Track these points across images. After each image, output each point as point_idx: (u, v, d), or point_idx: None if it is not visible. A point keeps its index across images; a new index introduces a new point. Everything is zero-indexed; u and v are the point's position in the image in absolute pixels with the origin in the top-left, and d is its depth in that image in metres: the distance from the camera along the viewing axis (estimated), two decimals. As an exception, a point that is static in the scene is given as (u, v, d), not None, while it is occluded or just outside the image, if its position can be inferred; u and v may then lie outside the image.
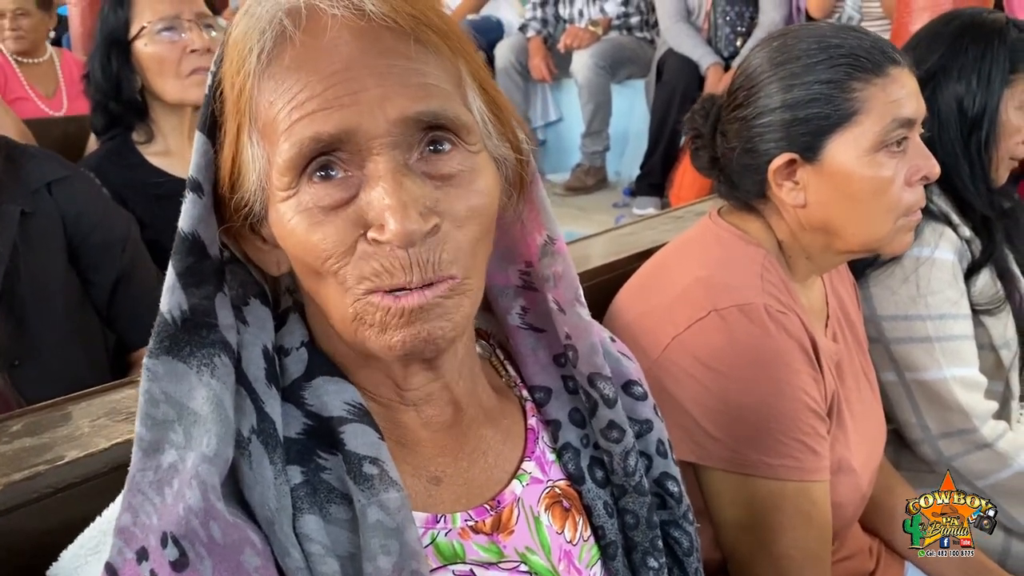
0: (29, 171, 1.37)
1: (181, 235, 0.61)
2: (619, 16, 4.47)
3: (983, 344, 1.47)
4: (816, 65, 1.08)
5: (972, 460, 1.40)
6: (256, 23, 0.60)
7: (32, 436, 0.81)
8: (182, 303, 0.61)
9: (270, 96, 0.59)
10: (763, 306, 1.06)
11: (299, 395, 0.65)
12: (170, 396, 0.59)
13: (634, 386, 0.80)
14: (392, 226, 0.56)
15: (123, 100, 1.79)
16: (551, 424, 0.76)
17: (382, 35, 0.58)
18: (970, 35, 1.44)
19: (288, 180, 0.59)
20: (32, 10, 3.33)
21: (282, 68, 0.58)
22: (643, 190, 4.13)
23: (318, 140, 0.57)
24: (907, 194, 1.09)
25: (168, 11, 1.76)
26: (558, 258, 0.72)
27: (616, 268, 1.38)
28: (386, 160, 0.57)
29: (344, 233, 0.58)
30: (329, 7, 0.58)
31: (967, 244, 1.45)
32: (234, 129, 0.61)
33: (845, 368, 1.22)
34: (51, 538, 0.70)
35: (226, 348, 0.61)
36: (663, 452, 0.80)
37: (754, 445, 1.04)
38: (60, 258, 1.40)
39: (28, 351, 1.32)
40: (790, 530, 1.04)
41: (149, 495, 0.56)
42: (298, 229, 0.59)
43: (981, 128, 1.42)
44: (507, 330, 0.77)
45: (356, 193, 0.58)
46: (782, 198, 1.13)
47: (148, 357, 0.60)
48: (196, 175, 0.62)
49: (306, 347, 0.67)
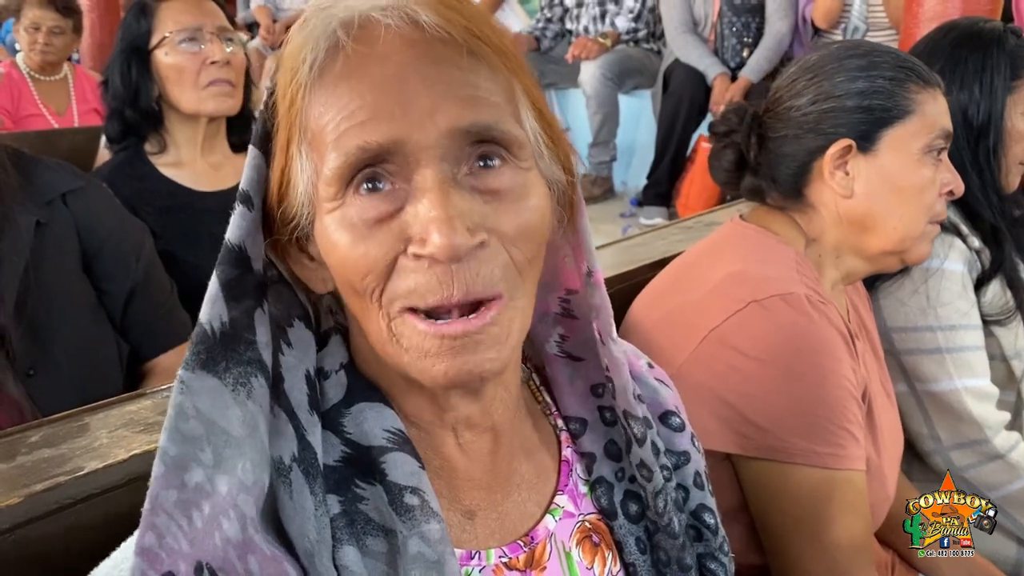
0: (44, 181, 1.38)
1: (228, 246, 0.60)
2: (628, 31, 4.49)
3: (994, 355, 1.46)
4: (881, 63, 1.15)
5: (985, 471, 1.40)
6: (310, 34, 0.59)
7: (51, 447, 0.82)
8: (223, 315, 0.59)
9: (320, 106, 0.58)
10: (804, 295, 1.08)
11: (338, 422, 0.63)
12: (201, 412, 0.57)
13: (672, 417, 0.78)
14: (436, 239, 0.54)
15: (140, 108, 1.80)
16: (585, 456, 0.74)
17: (435, 46, 0.57)
18: (969, 45, 1.45)
19: (334, 191, 0.58)
20: (67, 30, 3.41)
21: (333, 77, 0.58)
22: (650, 200, 4.14)
23: (365, 150, 0.56)
24: (938, 202, 1.16)
25: (190, 23, 1.78)
26: (597, 291, 0.70)
27: (626, 279, 1.37)
28: (434, 172, 0.56)
29: (386, 248, 0.57)
30: (383, 17, 0.57)
31: (977, 255, 1.45)
32: (284, 140, 0.61)
33: (868, 373, 1.22)
34: (72, 548, 0.71)
35: (262, 368, 0.60)
36: (700, 484, 0.78)
37: (803, 433, 1.03)
38: (74, 268, 1.41)
39: (43, 361, 1.32)
40: (840, 519, 1.03)
41: (175, 516, 0.54)
42: (341, 242, 0.58)
43: (988, 136, 1.43)
44: (544, 358, 0.75)
45: (402, 206, 0.57)
46: (827, 187, 1.15)
47: (184, 369, 0.58)
48: (247, 188, 0.61)
49: (345, 370, 0.66)
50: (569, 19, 4.63)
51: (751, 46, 4.00)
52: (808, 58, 1.20)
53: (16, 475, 0.77)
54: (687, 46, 4.06)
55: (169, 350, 1.54)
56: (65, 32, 3.39)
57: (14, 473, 0.77)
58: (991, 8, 2.50)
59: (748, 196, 1.25)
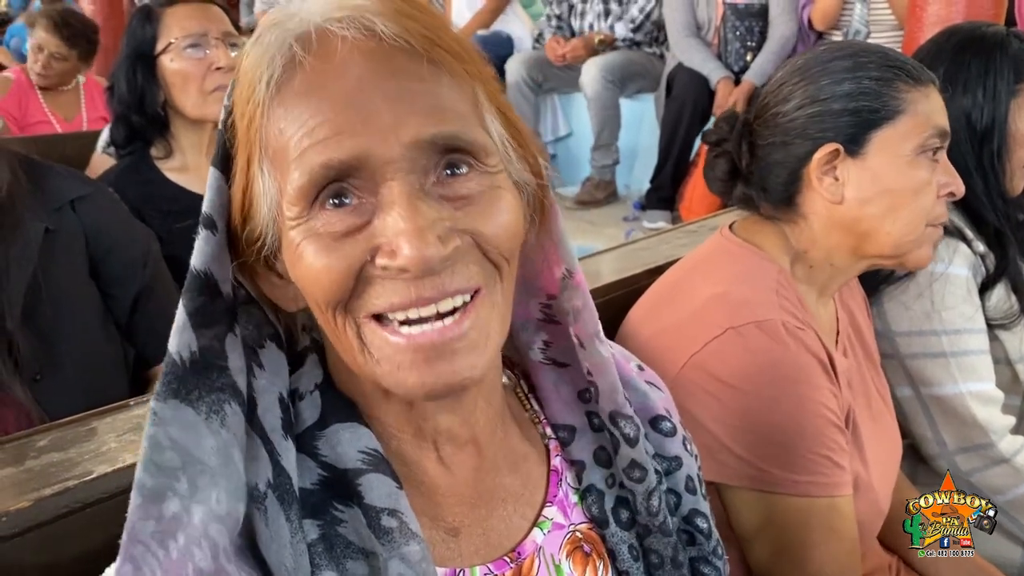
0: (53, 188, 1.39)
1: (193, 273, 0.59)
2: (624, 39, 4.49)
3: (999, 359, 1.46)
4: (867, 64, 1.12)
5: (990, 475, 1.40)
6: (266, 50, 0.58)
7: (59, 451, 0.82)
8: (192, 344, 0.58)
9: (280, 123, 0.57)
10: (781, 322, 1.06)
11: (313, 445, 0.62)
12: (176, 442, 0.56)
13: (662, 421, 0.77)
14: (407, 251, 0.54)
15: (145, 113, 1.82)
16: (575, 464, 0.73)
17: (394, 56, 0.56)
18: (971, 49, 1.44)
19: (299, 209, 0.57)
20: (71, 58, 3.41)
21: (292, 94, 0.57)
22: (653, 204, 4.13)
23: (329, 167, 0.55)
24: (937, 204, 1.13)
25: (196, 28, 1.79)
26: (577, 292, 0.69)
27: (629, 284, 1.37)
28: (400, 184, 0.55)
29: (352, 258, 0.56)
30: (339, 29, 0.56)
31: (981, 259, 1.45)
32: (244, 160, 0.60)
33: (856, 384, 1.22)
34: (81, 552, 0.72)
35: (236, 394, 0.59)
36: (692, 488, 0.77)
37: (780, 462, 1.03)
38: (82, 274, 1.42)
39: (50, 365, 1.33)
40: (822, 546, 1.04)
41: (151, 547, 0.53)
42: (306, 255, 0.57)
43: (992, 140, 1.42)
44: (529, 365, 0.74)
45: (369, 220, 0.56)
46: (818, 194, 1.13)
47: (155, 400, 0.57)
48: (210, 211, 0.60)
49: (320, 390, 0.64)
50: (573, 16, 4.64)
51: (754, 50, 3.99)
52: (795, 62, 1.18)
53: (25, 479, 0.77)
54: (690, 50, 4.05)
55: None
56: (68, 59, 3.41)
57: (23, 477, 0.78)
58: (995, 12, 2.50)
59: (740, 205, 1.23)
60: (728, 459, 1.05)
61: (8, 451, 0.83)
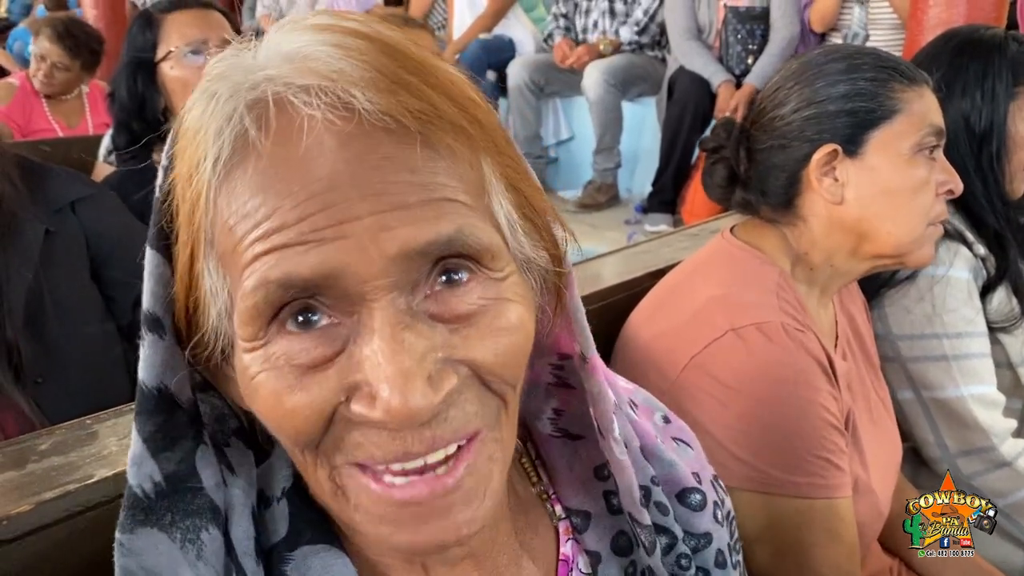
0: (53, 190, 1.40)
1: (145, 391, 0.50)
2: (630, 42, 4.50)
3: (1000, 362, 1.46)
4: (862, 65, 1.13)
5: (992, 479, 1.39)
6: (212, 118, 0.46)
7: (60, 455, 0.82)
8: (154, 474, 0.50)
9: (228, 218, 0.45)
10: (781, 324, 1.07)
11: (281, 570, 0.53)
12: (151, 572, 0.49)
13: (691, 494, 0.67)
14: (389, 401, 0.43)
15: (146, 120, 1.82)
16: (590, 555, 0.63)
17: (378, 140, 0.44)
18: (969, 52, 1.45)
19: (253, 331, 0.46)
20: (72, 67, 3.43)
21: (244, 183, 0.45)
22: (655, 207, 4.13)
23: (288, 286, 0.44)
24: (936, 203, 1.14)
25: (196, 36, 1.79)
26: (593, 379, 0.59)
27: (631, 287, 1.37)
28: (382, 308, 0.44)
29: (322, 399, 0.45)
30: (305, 105, 0.44)
31: (982, 262, 1.45)
32: (188, 255, 0.48)
33: (855, 387, 1.22)
34: (81, 556, 0.72)
35: (215, 515, 0.51)
36: (722, 563, 0.68)
37: (779, 464, 1.03)
38: (83, 276, 1.42)
39: (51, 369, 1.33)
40: (820, 548, 1.04)
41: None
42: (264, 390, 0.46)
43: (991, 143, 1.42)
44: (537, 438, 0.64)
45: (343, 347, 0.45)
46: (818, 196, 1.14)
47: (119, 532, 0.50)
48: (152, 309, 0.50)
49: (287, 498, 0.55)
50: (579, 14, 4.64)
51: (756, 53, 4.00)
52: (789, 66, 1.19)
53: (26, 482, 0.77)
54: (691, 53, 4.06)
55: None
56: (71, 69, 3.42)
57: (24, 480, 0.78)
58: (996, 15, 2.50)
59: (740, 210, 1.24)
60: (728, 461, 1.05)
61: (9, 455, 0.83)
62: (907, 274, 1.40)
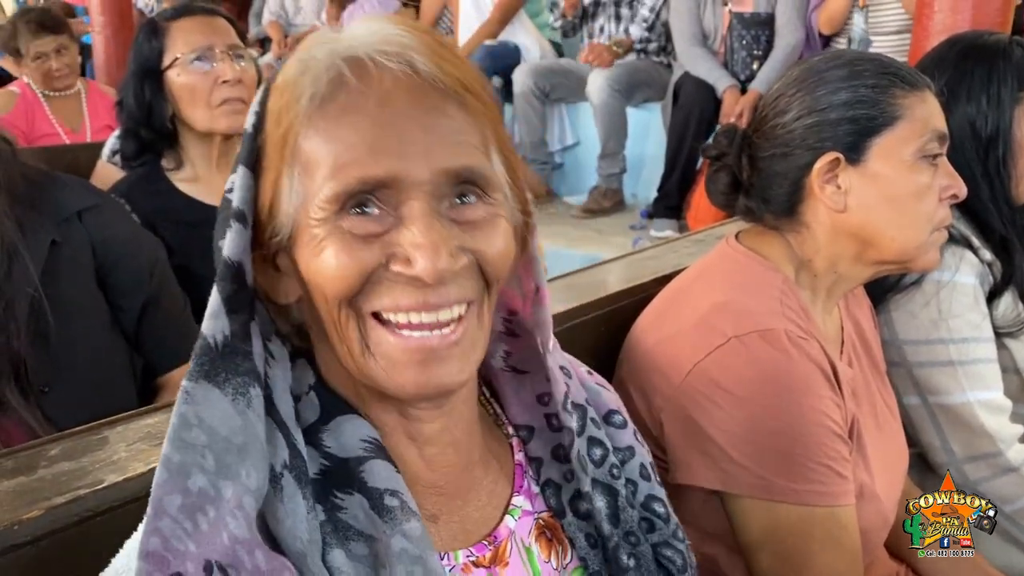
0: (59, 200, 1.39)
1: (228, 263, 0.63)
2: (641, 40, 4.50)
3: (1007, 367, 1.46)
4: (863, 72, 1.13)
5: (999, 484, 1.39)
6: (312, 66, 0.64)
7: (70, 460, 0.83)
8: (225, 328, 0.63)
9: (320, 136, 0.63)
10: (784, 331, 1.07)
11: (318, 439, 0.67)
12: (204, 421, 0.60)
13: (614, 415, 0.85)
14: (422, 263, 0.60)
15: (154, 127, 1.83)
16: (534, 460, 0.80)
17: (429, 93, 0.63)
18: (974, 57, 1.45)
19: (328, 213, 0.62)
20: (69, 44, 3.46)
21: (336, 110, 0.62)
22: (660, 212, 4.13)
23: (366, 182, 0.62)
24: (940, 208, 1.13)
25: (201, 42, 1.80)
26: (541, 308, 0.76)
27: (636, 293, 1.37)
28: (421, 204, 0.62)
29: (369, 259, 0.62)
30: (386, 60, 0.63)
31: (988, 267, 1.44)
32: (277, 164, 0.65)
33: (861, 393, 1.22)
34: (91, 560, 0.72)
35: (258, 379, 0.63)
36: (647, 476, 0.84)
37: (780, 471, 1.03)
38: (89, 285, 1.42)
39: (57, 377, 1.33)
40: (820, 556, 1.04)
41: (180, 520, 0.56)
42: (327, 251, 0.62)
43: (996, 147, 1.43)
44: (491, 372, 0.81)
45: (388, 230, 0.63)
46: (820, 203, 1.14)
47: (187, 380, 0.61)
48: (241, 206, 0.65)
49: (315, 390, 0.69)
50: (585, 19, 4.65)
51: (761, 58, 3.99)
52: (790, 73, 1.19)
53: (37, 488, 0.78)
54: (696, 59, 4.06)
55: (183, 364, 1.55)
56: (68, 47, 3.46)
57: (35, 486, 0.79)
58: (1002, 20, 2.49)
59: (744, 217, 1.24)
60: (731, 467, 1.05)
61: (20, 460, 0.83)
62: (913, 279, 1.40)
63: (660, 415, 1.12)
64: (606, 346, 1.28)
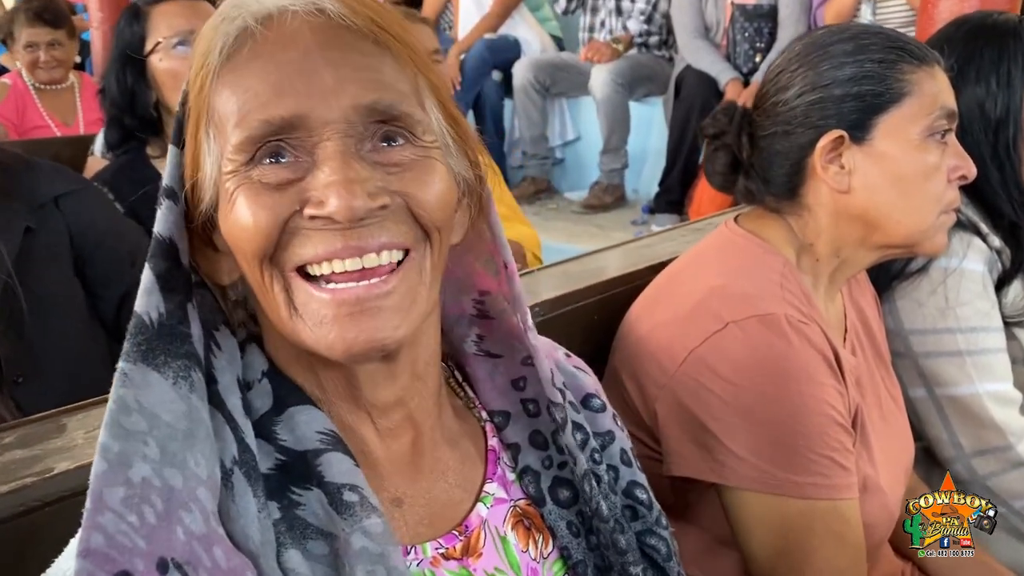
0: (36, 185, 1.37)
1: (158, 239, 0.61)
2: (641, 34, 4.47)
3: (1016, 358, 1.41)
4: (869, 46, 1.09)
5: (1008, 479, 1.35)
6: (221, 24, 0.62)
7: (24, 448, 0.79)
8: (159, 305, 0.60)
9: (227, 89, 0.60)
10: (784, 316, 1.02)
11: (271, 430, 0.63)
12: (144, 406, 0.56)
13: (592, 399, 0.81)
14: (334, 201, 0.56)
15: (138, 114, 1.80)
16: (510, 447, 0.76)
17: (340, 32, 0.60)
18: (984, 37, 1.41)
19: (237, 163, 0.59)
20: (64, 40, 3.44)
21: (241, 60, 0.60)
22: (662, 207, 4.12)
23: (270, 123, 0.58)
24: (949, 189, 1.09)
25: (183, 26, 1.77)
26: (513, 283, 0.73)
27: (632, 280, 1.34)
28: (335, 144, 0.58)
29: (282, 208, 0.58)
30: (291, 4, 0.60)
31: (997, 254, 1.40)
32: (194, 127, 0.62)
33: (865, 383, 1.17)
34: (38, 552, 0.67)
35: (199, 364, 0.60)
36: (627, 461, 0.80)
37: (781, 463, 0.99)
38: (66, 273, 1.40)
39: (32, 367, 1.30)
40: (822, 551, 1.00)
41: (123, 514, 0.52)
42: (239, 204, 0.59)
43: (1007, 129, 1.38)
44: (463, 357, 0.77)
45: (303, 176, 0.59)
46: (823, 184, 1.09)
47: (124, 361, 0.57)
48: (170, 183, 0.63)
49: (267, 377, 0.66)
50: (584, 13, 4.62)
51: (764, 51, 3.97)
52: (793, 48, 1.14)
53: (-16, 477, 0.74)
54: (698, 52, 4.03)
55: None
56: (63, 43, 3.45)
57: (-18, 474, 0.74)
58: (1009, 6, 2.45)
59: (743, 199, 1.19)
60: (728, 459, 1.01)
61: (-28, 448, 0.79)
62: (919, 266, 1.35)
63: (654, 404, 1.08)
64: (600, 334, 1.25)
